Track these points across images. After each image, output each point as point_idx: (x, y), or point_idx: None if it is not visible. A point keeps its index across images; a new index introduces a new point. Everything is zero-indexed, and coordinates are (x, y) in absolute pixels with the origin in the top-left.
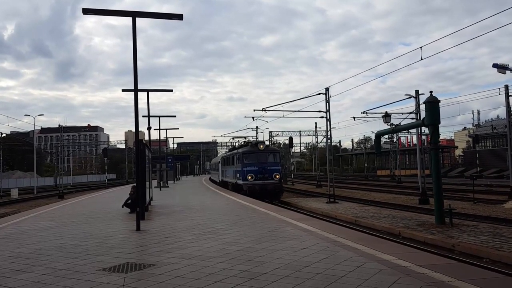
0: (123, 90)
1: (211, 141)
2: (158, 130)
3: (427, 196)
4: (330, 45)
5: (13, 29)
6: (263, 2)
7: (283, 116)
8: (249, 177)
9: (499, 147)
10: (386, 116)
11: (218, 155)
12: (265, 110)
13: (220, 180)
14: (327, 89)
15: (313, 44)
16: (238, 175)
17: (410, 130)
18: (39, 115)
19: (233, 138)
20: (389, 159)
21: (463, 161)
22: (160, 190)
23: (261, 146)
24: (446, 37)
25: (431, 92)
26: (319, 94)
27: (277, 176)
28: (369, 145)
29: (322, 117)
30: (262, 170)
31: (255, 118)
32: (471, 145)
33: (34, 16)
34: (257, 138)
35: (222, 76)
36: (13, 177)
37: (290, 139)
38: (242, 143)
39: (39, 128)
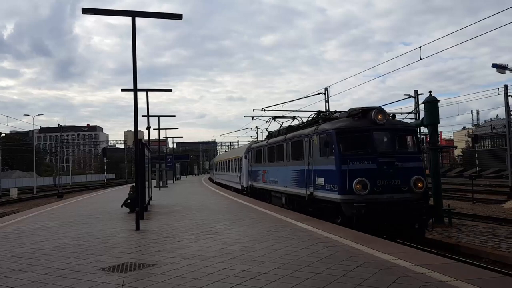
0: (122, 90)
1: (211, 140)
2: (158, 130)
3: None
4: (330, 44)
5: (12, 28)
6: (264, 1)
7: (282, 116)
8: (358, 186)
9: (498, 147)
10: None
11: (219, 153)
12: (264, 110)
13: (248, 185)
14: (326, 88)
15: (313, 44)
16: (320, 180)
17: None
18: (38, 114)
19: (273, 118)
20: None
21: (462, 161)
22: (160, 190)
23: (380, 117)
24: (447, 36)
25: (430, 92)
26: (319, 94)
27: (420, 185)
28: None
29: None
30: (387, 169)
31: (254, 118)
32: (470, 145)
33: (34, 15)
34: (257, 138)
35: (222, 75)
36: (12, 176)
37: None
38: (319, 114)
39: (39, 127)
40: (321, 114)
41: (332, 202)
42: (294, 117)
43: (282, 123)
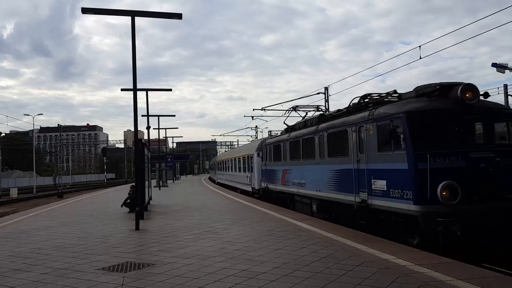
0: (122, 90)
1: (211, 140)
2: (158, 130)
3: None
4: (330, 44)
5: (12, 28)
6: (264, 1)
7: (282, 116)
8: (444, 193)
9: None
10: None
11: (219, 153)
12: (264, 110)
13: (261, 187)
14: (326, 88)
15: (313, 43)
16: (380, 184)
17: None
18: (38, 114)
19: (293, 109)
20: None
21: None
22: (159, 189)
23: (469, 95)
24: (447, 35)
25: None
26: (318, 93)
27: None
28: None
29: None
30: (485, 169)
31: (254, 118)
32: None
33: (34, 15)
34: (256, 137)
35: (222, 75)
36: (12, 176)
37: None
38: (365, 97)
39: (38, 127)
40: (368, 97)
41: (403, 214)
42: (317, 107)
43: (306, 113)
